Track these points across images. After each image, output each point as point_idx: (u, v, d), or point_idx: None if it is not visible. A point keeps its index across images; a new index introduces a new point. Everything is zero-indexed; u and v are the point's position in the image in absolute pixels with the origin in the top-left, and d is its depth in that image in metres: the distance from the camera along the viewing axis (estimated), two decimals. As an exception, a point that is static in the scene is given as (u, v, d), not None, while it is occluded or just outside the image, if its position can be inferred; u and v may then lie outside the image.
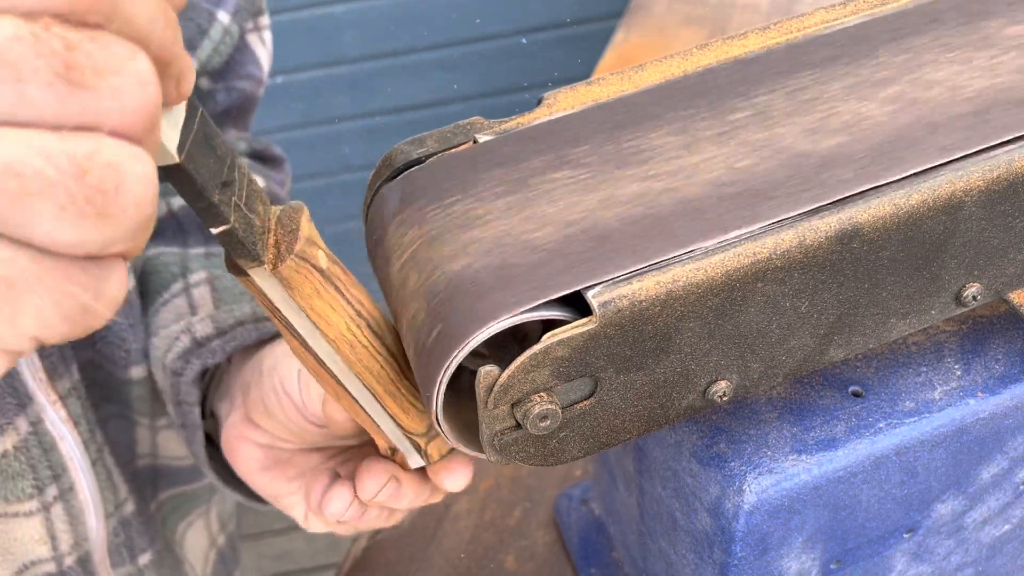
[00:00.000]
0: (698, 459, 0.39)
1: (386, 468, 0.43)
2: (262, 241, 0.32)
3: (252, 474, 0.49)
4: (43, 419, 0.49)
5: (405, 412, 0.39)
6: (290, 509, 0.49)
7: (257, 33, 0.64)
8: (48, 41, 0.20)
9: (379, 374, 0.38)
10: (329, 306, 0.35)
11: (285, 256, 0.32)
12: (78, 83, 0.21)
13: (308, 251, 0.33)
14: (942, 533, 0.45)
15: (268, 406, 0.46)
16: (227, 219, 0.29)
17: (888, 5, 0.41)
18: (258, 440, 0.48)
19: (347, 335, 0.36)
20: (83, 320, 0.23)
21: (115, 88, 0.21)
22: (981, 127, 0.35)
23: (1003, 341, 0.42)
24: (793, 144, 0.35)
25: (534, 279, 0.32)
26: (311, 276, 0.33)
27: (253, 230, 0.31)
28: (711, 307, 0.32)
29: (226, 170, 0.29)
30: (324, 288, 0.34)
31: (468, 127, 0.39)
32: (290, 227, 0.33)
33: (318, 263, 0.34)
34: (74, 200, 0.21)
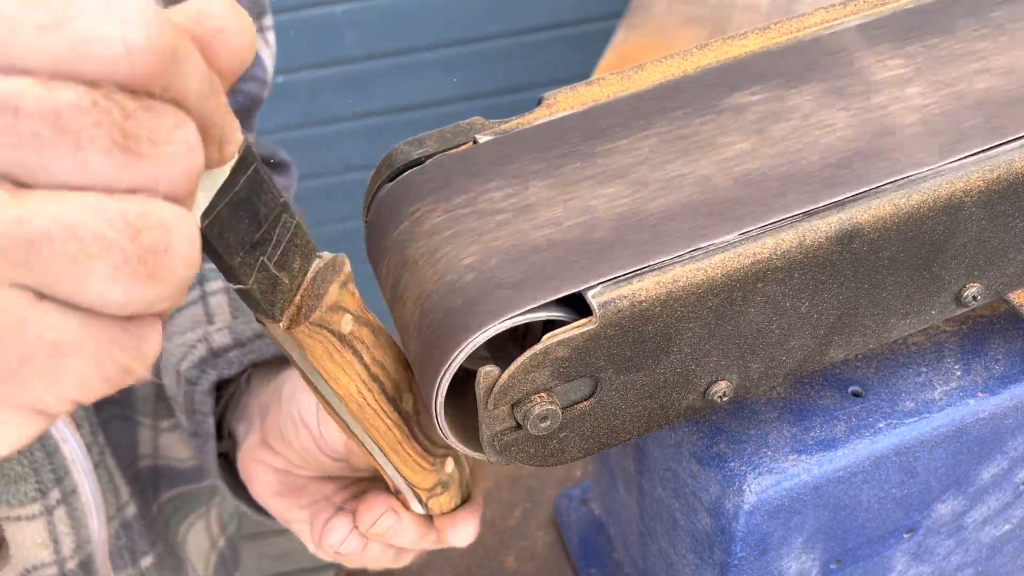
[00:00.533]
0: (698, 459, 0.39)
1: (385, 501, 0.43)
2: (283, 300, 0.31)
3: (267, 498, 0.49)
4: None
5: (410, 469, 0.40)
6: (301, 535, 0.50)
7: (261, 34, 0.64)
8: (108, 110, 0.21)
9: (385, 435, 0.38)
10: (341, 369, 0.35)
11: (302, 320, 0.32)
12: (134, 151, 0.21)
13: (328, 318, 0.33)
14: (942, 533, 0.45)
15: (285, 434, 0.47)
16: (244, 281, 0.29)
17: (888, 5, 0.41)
18: (274, 465, 0.49)
19: (356, 397, 0.36)
20: (122, 380, 0.24)
21: (167, 156, 0.22)
22: (983, 127, 0.35)
23: (1003, 341, 0.42)
24: (791, 144, 0.35)
25: (534, 279, 0.32)
26: (326, 341, 0.33)
27: (276, 289, 0.31)
28: (711, 307, 0.32)
29: (263, 229, 0.29)
30: (339, 352, 0.34)
31: (468, 127, 0.39)
32: (318, 291, 0.32)
33: (338, 329, 0.34)
34: (128, 260, 0.21)
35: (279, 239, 0.30)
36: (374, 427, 0.37)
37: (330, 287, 0.33)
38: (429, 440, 0.40)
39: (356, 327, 0.35)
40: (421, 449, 0.40)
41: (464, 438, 0.36)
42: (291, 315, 0.32)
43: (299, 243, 0.31)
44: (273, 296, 0.31)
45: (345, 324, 0.34)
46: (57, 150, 0.21)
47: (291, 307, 0.32)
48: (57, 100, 0.20)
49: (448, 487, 0.43)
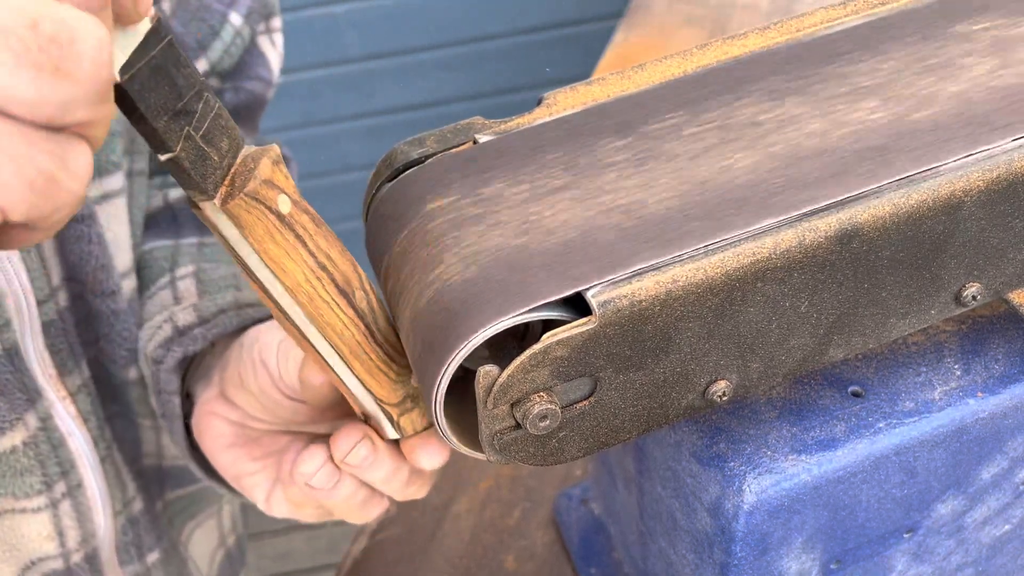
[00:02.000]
0: (698, 459, 0.39)
1: (361, 428, 0.42)
2: (215, 176, 0.31)
3: (218, 452, 0.48)
4: (52, 415, 0.49)
5: (373, 377, 0.38)
6: (251, 490, 0.48)
7: (268, 36, 0.64)
8: None
9: (342, 332, 0.36)
10: (285, 252, 0.34)
11: (236, 193, 0.32)
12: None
13: (263, 192, 0.32)
14: (942, 533, 0.45)
15: (244, 378, 0.46)
16: (171, 148, 0.29)
17: (888, 5, 0.41)
18: (228, 416, 0.48)
19: (305, 286, 0.35)
20: (49, 191, 0.24)
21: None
22: (982, 127, 0.35)
23: (1003, 341, 0.42)
24: (790, 146, 0.35)
25: (534, 279, 0.32)
26: (264, 218, 0.33)
27: (206, 163, 0.31)
28: (711, 307, 0.32)
29: (186, 100, 0.29)
30: (280, 233, 0.33)
31: (468, 127, 0.39)
32: (249, 166, 0.32)
33: (275, 206, 0.33)
34: (28, 48, 0.22)
35: (203, 114, 0.30)
36: (329, 325, 0.36)
37: (260, 162, 0.33)
38: (389, 344, 0.39)
39: (295, 211, 0.34)
40: (384, 355, 0.38)
41: (464, 438, 0.36)
42: (225, 191, 0.32)
43: (224, 125, 0.31)
44: (203, 169, 0.31)
45: (283, 204, 0.33)
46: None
47: (224, 184, 0.32)
48: None
49: (418, 401, 0.41)
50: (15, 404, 0.47)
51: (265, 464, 0.47)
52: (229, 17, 0.59)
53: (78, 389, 0.51)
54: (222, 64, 0.59)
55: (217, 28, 0.58)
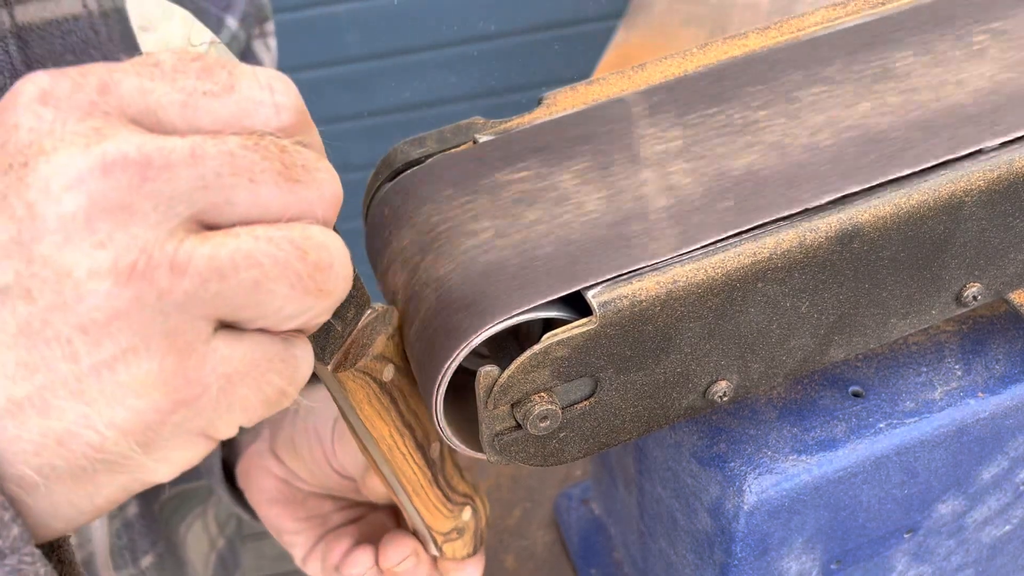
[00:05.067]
0: (698, 459, 0.39)
1: (411, 544, 0.44)
2: (333, 346, 0.33)
3: (263, 504, 0.50)
4: None
5: (429, 512, 0.42)
6: (291, 547, 0.50)
7: (263, 40, 0.64)
8: (267, 147, 0.25)
9: (410, 478, 0.40)
10: (378, 414, 0.37)
11: (349, 365, 0.34)
12: (295, 178, 0.25)
13: (373, 366, 0.35)
14: (943, 533, 0.45)
15: (297, 445, 0.47)
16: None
17: (888, 5, 0.41)
18: (276, 473, 0.49)
19: (388, 440, 0.38)
20: (279, 403, 0.27)
21: (319, 181, 0.26)
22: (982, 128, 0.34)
23: (1003, 341, 0.42)
24: (789, 146, 0.35)
25: (534, 279, 0.32)
26: (368, 386, 0.35)
27: (329, 335, 0.33)
28: (711, 307, 0.32)
29: None
30: (379, 398, 0.36)
31: (468, 127, 0.39)
32: (366, 340, 0.34)
33: (380, 376, 0.36)
34: (301, 278, 0.25)
35: None
36: (401, 470, 0.39)
37: (378, 338, 0.35)
38: (450, 488, 0.42)
39: (397, 376, 0.37)
40: (443, 496, 0.42)
41: (464, 438, 0.36)
42: (339, 360, 0.34)
43: (355, 294, 0.33)
44: (325, 341, 0.33)
45: (387, 373, 0.36)
46: (236, 186, 0.24)
47: (340, 352, 0.34)
48: (229, 144, 0.24)
49: (463, 534, 0.45)
50: None
51: (308, 525, 0.49)
52: (225, 21, 0.59)
53: None
54: None
55: (214, 32, 0.58)
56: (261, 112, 0.25)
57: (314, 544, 0.49)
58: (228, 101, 0.25)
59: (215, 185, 0.24)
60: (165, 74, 0.24)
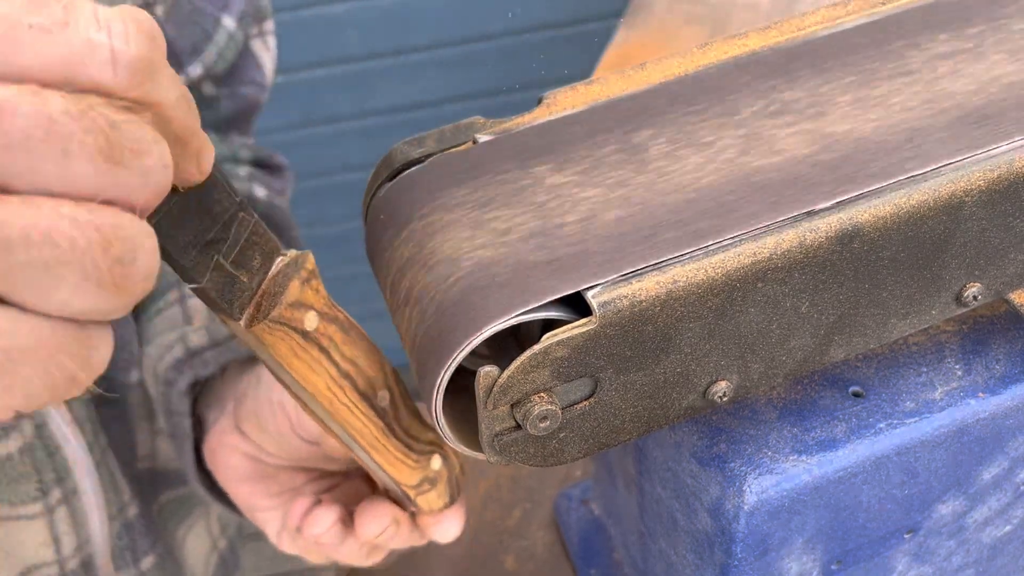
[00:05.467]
0: (698, 459, 0.39)
1: (388, 511, 0.43)
2: (242, 300, 0.31)
3: (232, 483, 0.49)
4: (47, 422, 0.49)
5: (392, 466, 0.39)
6: (264, 524, 0.49)
7: (262, 39, 0.64)
8: (95, 119, 0.22)
9: (361, 431, 0.37)
10: (308, 367, 0.34)
11: (260, 318, 0.32)
12: (117, 161, 0.22)
13: (288, 315, 0.33)
14: (943, 534, 0.45)
15: (261, 418, 0.46)
16: (198, 280, 0.29)
17: (888, 5, 0.41)
18: (244, 450, 0.48)
19: (326, 393, 0.35)
20: (68, 390, 0.24)
21: (145, 168, 0.23)
22: (982, 128, 0.34)
23: (1004, 341, 0.42)
24: (791, 145, 0.35)
25: (534, 279, 0.32)
26: (288, 338, 0.33)
27: (234, 287, 0.30)
28: (711, 307, 0.32)
29: (218, 228, 0.29)
30: (304, 350, 0.34)
31: (468, 127, 0.39)
32: (278, 288, 0.32)
33: (301, 326, 0.33)
34: (97, 270, 0.22)
35: (236, 237, 0.30)
36: (349, 424, 0.37)
37: (290, 284, 0.32)
38: (410, 436, 0.40)
39: (322, 324, 0.34)
40: (403, 446, 0.39)
41: (464, 438, 0.36)
42: (251, 314, 0.32)
43: (259, 241, 0.31)
44: (231, 294, 0.30)
45: (309, 321, 0.34)
46: (46, 155, 0.21)
47: (250, 306, 0.32)
48: (50, 106, 0.21)
49: (436, 484, 0.42)
50: None
51: (280, 500, 0.48)
52: (222, 20, 0.59)
53: None
54: (216, 68, 0.59)
55: (210, 32, 0.58)
56: (95, 59, 0.22)
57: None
58: (59, 40, 0.21)
59: (21, 148, 0.21)
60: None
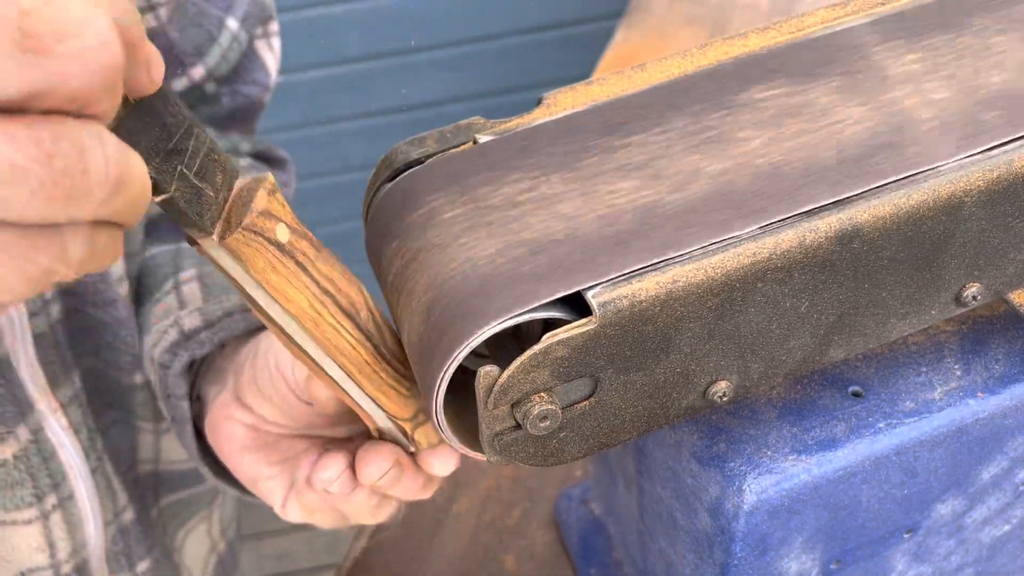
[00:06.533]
0: (698, 459, 0.39)
1: (391, 452, 0.42)
2: (211, 212, 0.31)
3: (234, 454, 0.48)
4: (44, 427, 0.48)
5: (385, 395, 0.38)
6: (268, 494, 0.48)
7: (266, 39, 0.64)
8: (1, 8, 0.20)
9: (350, 354, 0.36)
10: (287, 281, 0.34)
11: (233, 228, 0.31)
12: (38, 49, 0.20)
13: (261, 224, 0.32)
14: (942, 533, 0.45)
15: (260, 384, 0.46)
16: (166, 189, 0.29)
17: (888, 5, 0.41)
18: (244, 420, 0.47)
19: (310, 312, 0.35)
20: (47, 282, 0.24)
21: (76, 51, 0.21)
22: (1000, 121, 0.34)
23: (1003, 341, 0.42)
24: (808, 139, 0.35)
25: (534, 279, 0.32)
26: (264, 250, 0.33)
27: (201, 200, 0.30)
28: (711, 307, 0.32)
29: (176, 139, 0.29)
30: (281, 262, 0.33)
31: (468, 127, 0.39)
32: (245, 199, 0.32)
33: (274, 236, 0.33)
34: (43, 184, 0.21)
35: (195, 151, 0.30)
36: (337, 348, 0.36)
37: (256, 193, 0.32)
38: (399, 361, 0.39)
39: (294, 238, 0.34)
40: (394, 372, 0.38)
41: (464, 438, 0.36)
42: (222, 227, 0.31)
43: (217, 158, 0.31)
44: (199, 207, 0.30)
45: (281, 233, 0.33)
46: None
47: (221, 220, 0.31)
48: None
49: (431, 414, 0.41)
50: (6, 417, 0.46)
51: (282, 469, 0.47)
52: (226, 22, 0.59)
53: (69, 400, 0.51)
54: (219, 69, 0.59)
55: (215, 34, 0.58)
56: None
57: (291, 487, 0.47)
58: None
59: None
60: None
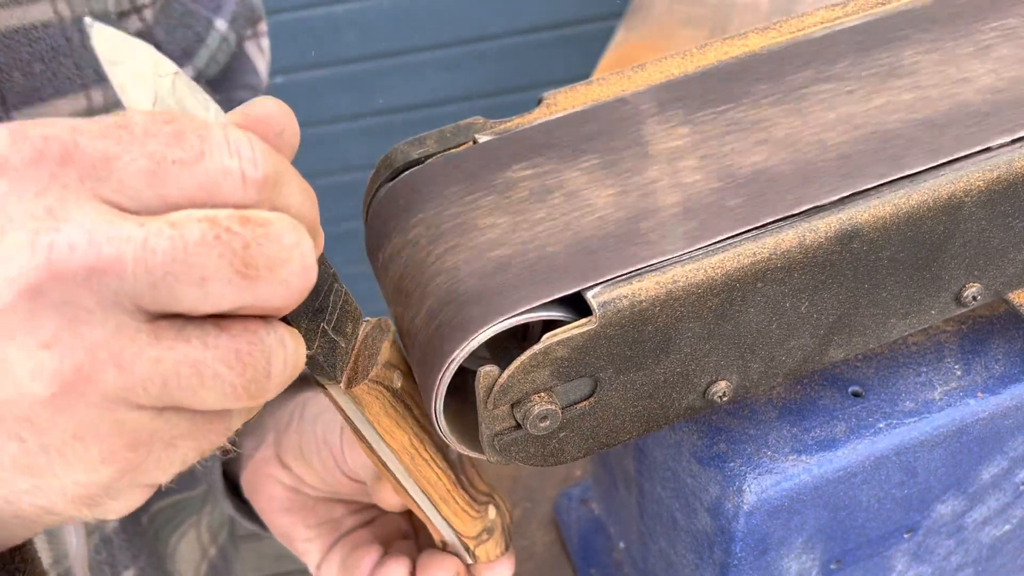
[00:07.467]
0: (698, 459, 0.39)
1: (453, 565, 0.44)
2: (342, 362, 0.33)
3: (272, 513, 0.49)
4: None
5: (457, 517, 0.41)
6: (304, 554, 0.49)
7: (255, 40, 0.64)
8: (229, 242, 0.23)
9: (435, 484, 0.39)
10: (395, 423, 0.37)
11: (361, 378, 0.34)
12: (254, 278, 0.24)
13: (384, 374, 0.35)
14: (942, 533, 0.45)
15: (305, 452, 0.47)
16: (309, 347, 0.31)
17: (888, 5, 0.41)
18: (284, 481, 0.49)
19: (409, 449, 0.38)
20: (211, 451, 0.27)
21: (283, 279, 0.24)
22: (983, 127, 0.35)
23: (1003, 341, 0.42)
24: (792, 145, 0.35)
25: (534, 280, 0.32)
26: (382, 396, 0.36)
27: (336, 352, 0.33)
28: (711, 307, 0.32)
29: (321, 297, 0.31)
30: (394, 407, 0.36)
31: (468, 127, 0.39)
32: (372, 350, 0.35)
33: (392, 384, 0.36)
34: (235, 388, 0.25)
35: (334, 305, 0.32)
36: (425, 478, 0.39)
37: (382, 345, 0.35)
38: (473, 487, 0.42)
39: (406, 382, 0.37)
40: (468, 497, 0.41)
41: (464, 438, 0.36)
42: (349, 375, 0.34)
43: (349, 309, 0.33)
44: (333, 359, 0.33)
45: (397, 380, 0.36)
46: (186, 285, 0.23)
47: (348, 368, 0.34)
48: (187, 236, 0.23)
49: (492, 533, 0.44)
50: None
51: (319, 532, 0.49)
52: (215, 23, 0.58)
53: None
54: (209, 71, 0.59)
55: (203, 34, 0.58)
56: (228, 183, 0.24)
57: (328, 549, 0.48)
58: (197, 170, 0.24)
59: (163, 285, 0.23)
60: (135, 138, 0.23)
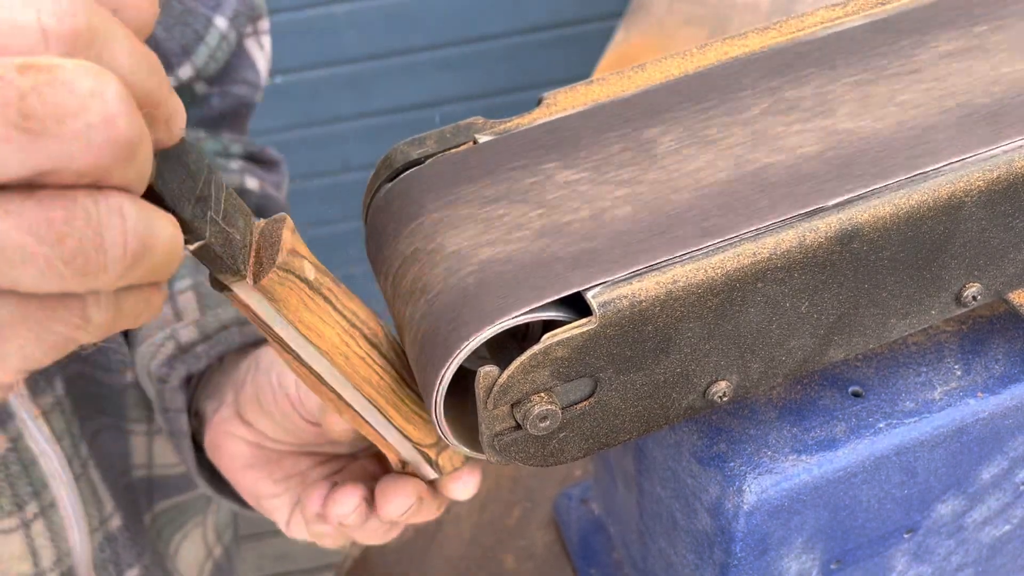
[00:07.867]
0: (698, 459, 0.39)
1: (414, 487, 0.42)
2: (242, 255, 0.31)
3: (236, 472, 0.48)
4: (24, 435, 0.48)
5: (410, 423, 0.39)
6: (272, 512, 0.48)
7: (256, 38, 0.64)
8: (2, 92, 0.20)
9: (379, 385, 0.37)
10: (319, 318, 0.34)
11: (267, 268, 0.32)
12: (37, 132, 0.20)
13: (292, 262, 0.32)
14: (942, 533, 0.45)
15: (263, 402, 0.45)
16: (202, 234, 0.29)
17: (888, 5, 0.41)
18: (246, 437, 0.47)
19: (340, 347, 0.35)
20: (68, 347, 0.24)
21: (77, 132, 0.21)
22: (984, 128, 0.35)
23: (1003, 341, 0.42)
24: (799, 143, 0.35)
25: (534, 280, 0.32)
26: (297, 288, 0.33)
27: (232, 244, 0.30)
28: (711, 307, 0.32)
29: (201, 184, 0.29)
30: (312, 300, 0.34)
31: (468, 127, 0.39)
32: (272, 239, 0.32)
33: (304, 274, 0.33)
34: (54, 264, 0.21)
35: (217, 196, 0.30)
36: (366, 380, 0.36)
37: (282, 233, 0.32)
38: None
39: (319, 274, 0.34)
40: (416, 397, 0.38)
41: (464, 438, 0.36)
42: (254, 268, 0.31)
43: (236, 203, 0.31)
44: (231, 250, 0.30)
45: (308, 270, 0.33)
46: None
47: (251, 262, 0.31)
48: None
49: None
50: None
51: (287, 486, 0.47)
52: (214, 20, 0.58)
53: (51, 407, 0.50)
54: (208, 69, 0.59)
55: (202, 32, 0.57)
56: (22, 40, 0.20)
57: (295, 505, 0.47)
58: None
59: None
60: None
